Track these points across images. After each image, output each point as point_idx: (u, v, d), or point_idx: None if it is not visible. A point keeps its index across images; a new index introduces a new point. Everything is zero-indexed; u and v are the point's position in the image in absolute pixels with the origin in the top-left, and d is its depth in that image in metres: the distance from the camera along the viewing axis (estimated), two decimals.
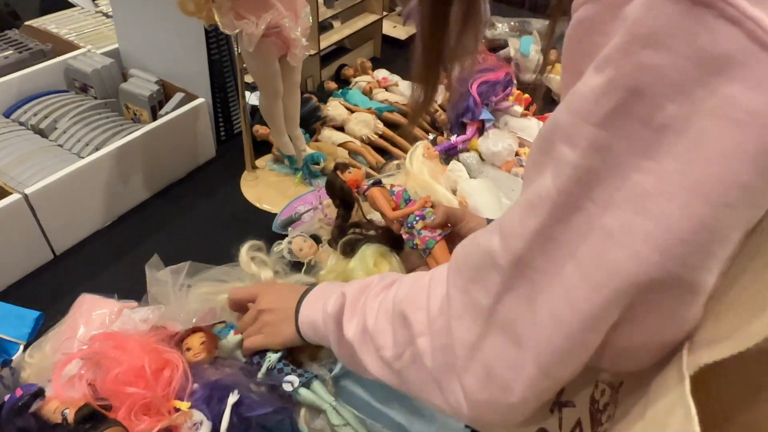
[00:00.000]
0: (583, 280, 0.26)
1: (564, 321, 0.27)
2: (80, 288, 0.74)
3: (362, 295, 0.47)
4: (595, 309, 0.25)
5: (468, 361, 0.32)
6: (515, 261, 0.29)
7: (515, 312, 0.30)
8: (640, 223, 0.23)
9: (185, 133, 0.97)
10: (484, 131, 1.03)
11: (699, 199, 0.22)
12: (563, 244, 0.26)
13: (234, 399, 0.59)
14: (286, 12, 0.78)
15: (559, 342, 0.27)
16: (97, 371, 0.59)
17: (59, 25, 1.21)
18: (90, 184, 0.84)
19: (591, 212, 0.25)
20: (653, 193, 0.23)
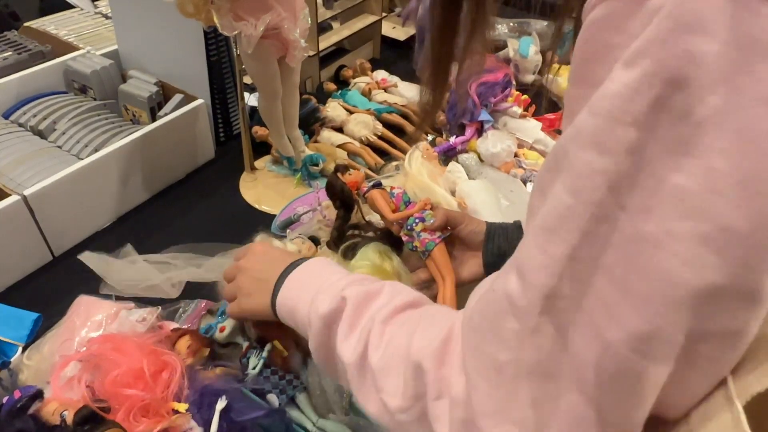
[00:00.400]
0: (624, 296, 0.23)
1: (606, 340, 0.24)
2: (79, 289, 0.74)
3: (366, 308, 0.42)
4: (646, 326, 0.23)
5: (493, 429, 0.29)
6: (542, 297, 0.26)
7: (542, 352, 0.27)
8: (692, 226, 0.21)
9: (184, 135, 0.97)
10: (483, 132, 1.03)
11: (755, 195, 0.20)
12: (592, 262, 0.24)
13: (222, 405, 0.58)
14: (285, 13, 0.78)
15: (604, 364, 0.24)
16: (96, 373, 0.58)
17: (58, 27, 1.21)
18: (89, 185, 0.84)
19: (623, 222, 0.23)
20: (700, 192, 0.21)
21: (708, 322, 0.23)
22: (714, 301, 0.22)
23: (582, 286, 0.25)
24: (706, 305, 0.22)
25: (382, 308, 0.40)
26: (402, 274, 0.70)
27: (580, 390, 0.26)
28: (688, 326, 0.23)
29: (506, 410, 0.28)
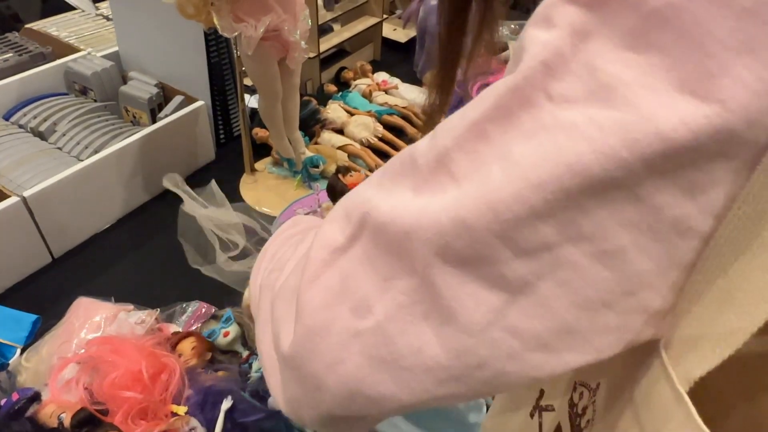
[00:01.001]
0: (510, 181, 0.21)
1: (467, 219, 0.21)
2: (79, 291, 0.73)
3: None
4: (522, 209, 0.20)
5: (322, 269, 0.26)
6: (436, 158, 0.23)
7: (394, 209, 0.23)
8: (617, 116, 0.19)
9: (184, 136, 0.97)
10: None
11: (689, 97, 0.19)
12: (497, 145, 0.21)
13: (227, 405, 0.59)
14: (285, 15, 0.78)
15: (457, 243, 0.21)
16: (94, 375, 0.58)
17: (60, 28, 1.21)
18: (88, 187, 0.84)
19: (545, 111, 0.21)
20: (633, 84, 0.19)
21: (590, 223, 0.21)
22: (604, 202, 0.20)
23: (471, 156, 0.22)
24: (594, 202, 0.20)
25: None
26: None
27: (423, 270, 0.23)
28: (568, 221, 0.20)
29: (344, 250, 0.26)
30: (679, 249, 0.21)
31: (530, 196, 0.20)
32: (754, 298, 0.21)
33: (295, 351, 0.27)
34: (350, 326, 0.25)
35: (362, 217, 0.25)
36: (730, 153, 0.19)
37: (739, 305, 0.21)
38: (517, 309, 0.22)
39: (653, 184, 0.20)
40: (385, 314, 0.24)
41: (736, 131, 0.19)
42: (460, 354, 0.23)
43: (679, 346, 0.23)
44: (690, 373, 0.22)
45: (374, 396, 0.25)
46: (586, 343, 0.22)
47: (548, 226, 0.21)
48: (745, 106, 0.19)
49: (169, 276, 0.83)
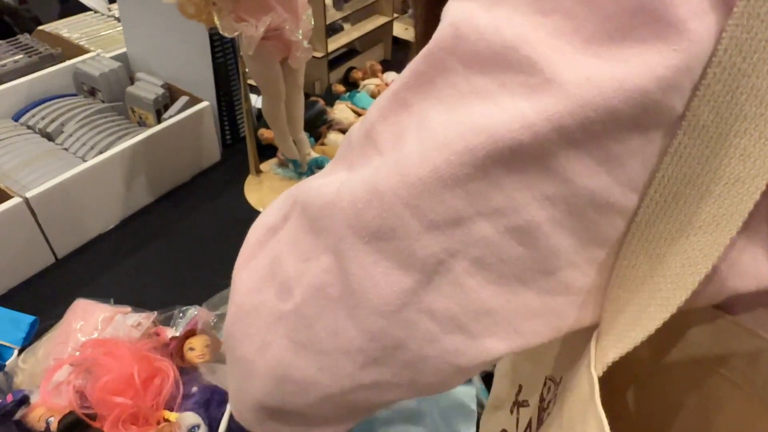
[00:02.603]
0: (421, 145, 0.20)
1: (380, 189, 0.20)
2: (81, 292, 0.73)
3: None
4: (430, 174, 0.19)
5: (257, 250, 0.26)
6: (364, 134, 0.23)
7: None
8: (523, 79, 0.18)
9: (189, 137, 0.97)
10: None
11: (595, 59, 0.18)
12: (416, 112, 0.21)
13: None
14: (287, 14, 0.76)
15: (368, 215, 0.20)
16: (87, 377, 0.58)
17: (72, 30, 1.22)
18: (92, 187, 0.84)
19: (460, 74, 0.20)
20: (539, 46, 0.18)
21: (501, 195, 0.19)
22: (515, 172, 0.19)
23: (393, 128, 0.21)
24: (504, 172, 0.19)
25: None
26: None
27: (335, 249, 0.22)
28: (478, 193, 0.19)
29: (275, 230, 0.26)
30: (599, 225, 0.20)
31: (436, 157, 0.19)
32: (672, 284, 0.19)
33: (228, 332, 0.26)
34: (275, 309, 0.24)
35: (295, 195, 0.25)
36: (645, 121, 0.18)
37: (660, 291, 0.20)
38: (432, 289, 0.20)
39: (566, 154, 0.18)
40: (302, 297, 0.23)
41: (648, 95, 0.17)
42: (376, 336, 0.21)
43: (604, 330, 0.21)
44: (606, 356, 0.20)
45: (300, 381, 0.23)
46: (508, 327, 0.21)
47: (457, 198, 0.19)
48: (653, 69, 0.17)
49: (171, 279, 0.82)
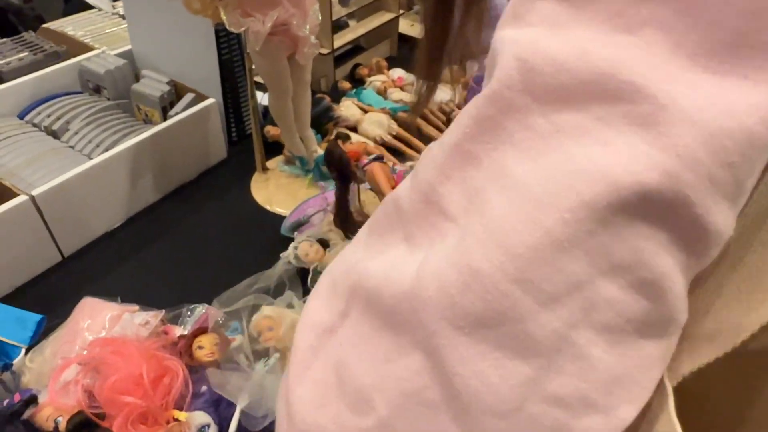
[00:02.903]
0: (516, 206, 0.17)
1: (475, 267, 0.17)
2: (87, 290, 0.73)
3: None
4: (540, 240, 0.16)
5: (310, 358, 0.22)
6: (422, 196, 0.19)
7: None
8: (629, 110, 0.16)
9: (195, 134, 0.96)
10: None
11: (722, 78, 0.15)
12: (489, 165, 0.18)
13: (244, 403, 0.58)
14: (294, 9, 0.76)
15: (467, 303, 0.17)
16: (96, 377, 0.57)
17: (76, 27, 1.21)
18: (98, 185, 0.83)
19: (535, 115, 0.17)
20: (639, 68, 0.16)
21: (626, 248, 0.16)
22: (644, 220, 0.16)
23: (462, 186, 0.18)
24: (628, 221, 0.16)
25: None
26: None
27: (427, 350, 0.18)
28: (599, 249, 0.16)
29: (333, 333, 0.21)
30: (710, 259, 0.17)
31: (543, 217, 0.16)
32: (759, 294, 0.18)
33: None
34: (351, 426, 0.19)
35: (351, 286, 0.21)
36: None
37: (746, 302, 0.18)
38: (555, 372, 0.17)
39: (699, 191, 0.15)
40: (389, 407, 0.18)
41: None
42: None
43: (682, 342, 0.19)
44: (680, 366, 0.18)
45: None
46: (636, 387, 0.18)
47: (576, 261, 0.16)
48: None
49: (178, 276, 0.82)
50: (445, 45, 0.39)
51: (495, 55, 0.18)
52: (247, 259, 0.83)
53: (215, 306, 0.67)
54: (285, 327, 0.66)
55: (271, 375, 0.61)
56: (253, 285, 0.72)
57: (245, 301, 0.67)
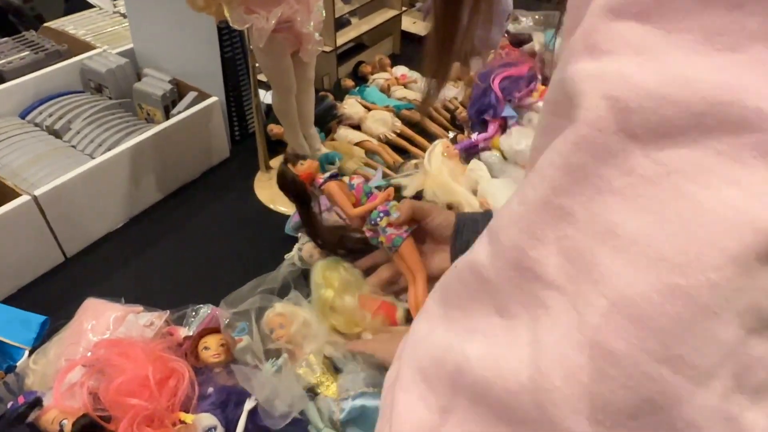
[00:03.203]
0: (641, 270, 0.14)
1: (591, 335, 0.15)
2: (91, 291, 0.72)
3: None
4: (675, 307, 0.14)
5: None
6: (511, 263, 0.18)
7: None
8: (760, 139, 0.14)
9: (198, 133, 0.95)
10: (507, 129, 0.98)
11: None
12: (589, 221, 0.16)
13: (251, 405, 0.58)
14: (298, 5, 0.75)
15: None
16: (101, 379, 0.56)
17: (77, 26, 1.20)
18: (101, 185, 0.83)
19: (634, 154, 0.15)
20: (760, 93, 0.14)
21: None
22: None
23: (561, 248, 0.16)
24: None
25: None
26: (352, 282, 0.68)
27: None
28: (746, 308, 0.14)
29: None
30: None
31: (686, 283, 0.14)
32: None
33: None
34: None
35: (450, 378, 0.19)
36: None
37: None
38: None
39: None
40: None
41: None
42: None
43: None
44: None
45: None
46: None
47: (726, 324, 0.14)
48: None
49: (182, 277, 0.81)
50: (454, 41, 0.38)
51: (572, 96, 0.16)
52: (251, 258, 0.83)
53: (222, 307, 0.66)
54: (296, 325, 0.66)
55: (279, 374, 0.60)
56: (258, 286, 0.71)
57: (251, 302, 0.66)
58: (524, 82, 0.99)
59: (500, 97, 0.97)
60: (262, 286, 0.72)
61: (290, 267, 0.77)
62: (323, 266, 0.68)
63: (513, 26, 1.33)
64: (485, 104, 0.98)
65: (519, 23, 1.32)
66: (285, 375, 0.58)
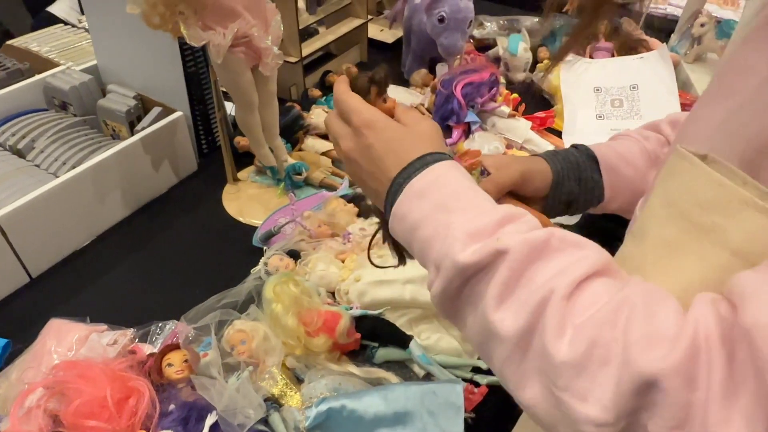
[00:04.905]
0: None
1: None
2: (56, 311, 0.72)
3: (534, 270, 0.32)
4: None
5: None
6: None
7: None
8: None
9: (164, 148, 0.96)
10: (470, 134, 0.99)
11: None
12: None
13: (212, 420, 0.58)
14: (255, 20, 0.75)
15: None
16: (62, 400, 0.57)
17: (41, 43, 1.20)
18: (64, 204, 0.82)
19: None
20: None
21: None
22: None
23: None
24: None
25: (559, 275, 0.31)
26: (302, 298, 0.68)
27: None
28: None
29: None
30: None
31: None
32: None
33: None
34: None
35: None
36: None
37: None
38: None
39: None
40: None
41: None
42: None
43: None
44: None
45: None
46: None
47: None
48: None
49: (149, 293, 0.81)
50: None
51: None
52: (219, 272, 0.83)
53: (183, 322, 0.66)
54: (257, 340, 0.66)
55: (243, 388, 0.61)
56: (221, 300, 0.72)
57: (212, 317, 0.66)
58: (486, 88, 1.01)
59: (462, 103, 0.98)
60: (225, 299, 0.73)
61: (256, 281, 0.77)
62: (274, 281, 0.68)
63: (478, 32, 1.35)
64: (448, 110, 1.00)
65: (484, 29, 1.34)
66: (243, 385, 0.59)
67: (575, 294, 0.30)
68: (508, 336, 0.32)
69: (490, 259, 0.33)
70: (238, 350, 0.65)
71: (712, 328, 0.26)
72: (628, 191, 0.53)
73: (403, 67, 1.31)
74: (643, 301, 0.28)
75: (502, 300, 0.32)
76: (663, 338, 0.26)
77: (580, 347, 0.28)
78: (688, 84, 1.18)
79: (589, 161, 0.54)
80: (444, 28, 1.12)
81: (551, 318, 0.30)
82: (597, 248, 0.33)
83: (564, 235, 0.34)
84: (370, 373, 0.67)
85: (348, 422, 0.61)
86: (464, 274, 0.34)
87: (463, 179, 0.38)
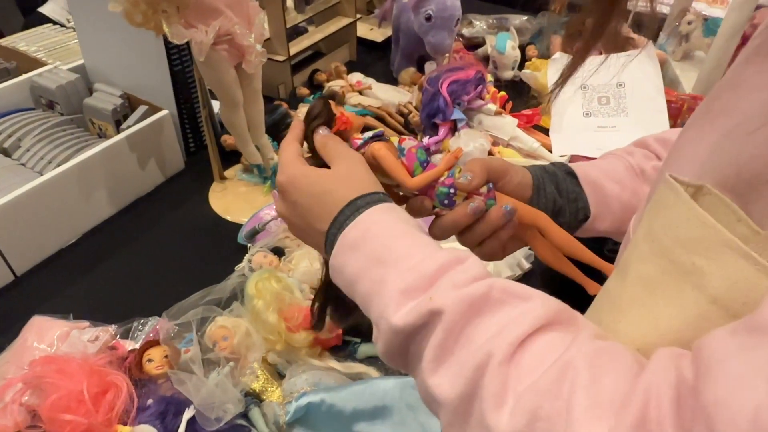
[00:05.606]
0: None
1: None
2: (41, 309, 0.72)
3: (471, 332, 0.30)
4: None
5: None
6: None
7: None
8: None
9: (150, 146, 0.96)
10: (456, 131, 1.00)
11: None
12: None
13: (189, 415, 0.59)
14: (237, 18, 0.76)
15: None
16: (39, 395, 0.57)
17: (30, 43, 1.20)
18: (50, 202, 0.83)
19: None
20: None
21: None
22: None
23: None
24: None
25: (499, 334, 0.29)
26: (284, 294, 0.68)
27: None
28: None
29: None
30: None
31: None
32: None
33: None
34: None
35: None
36: None
37: None
38: None
39: None
40: None
41: None
42: None
43: None
44: None
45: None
46: None
47: None
48: None
49: (134, 290, 0.81)
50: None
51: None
52: (204, 270, 0.83)
53: (164, 318, 0.66)
54: (239, 336, 0.66)
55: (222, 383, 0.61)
56: (205, 297, 0.72)
57: (194, 313, 0.67)
58: (472, 86, 1.01)
59: (448, 100, 0.99)
60: (209, 296, 0.73)
61: (240, 278, 0.77)
62: (256, 278, 0.68)
63: (467, 30, 1.36)
64: (435, 108, 1.00)
65: (473, 27, 1.35)
66: (222, 380, 0.59)
67: (517, 354, 0.29)
68: (445, 402, 0.30)
69: (425, 320, 0.31)
70: (219, 346, 0.66)
71: (666, 395, 0.23)
72: (617, 209, 0.50)
73: (392, 66, 1.31)
74: (589, 364, 0.26)
75: (439, 364, 0.31)
76: (608, 409, 0.24)
77: (521, 420, 0.26)
78: (675, 81, 1.19)
79: (566, 175, 0.51)
80: (431, 27, 1.12)
81: (490, 385, 0.28)
82: (543, 297, 0.31)
83: (506, 285, 0.32)
84: (351, 368, 0.67)
85: (327, 417, 0.61)
86: (402, 335, 0.32)
87: (397, 223, 0.37)
